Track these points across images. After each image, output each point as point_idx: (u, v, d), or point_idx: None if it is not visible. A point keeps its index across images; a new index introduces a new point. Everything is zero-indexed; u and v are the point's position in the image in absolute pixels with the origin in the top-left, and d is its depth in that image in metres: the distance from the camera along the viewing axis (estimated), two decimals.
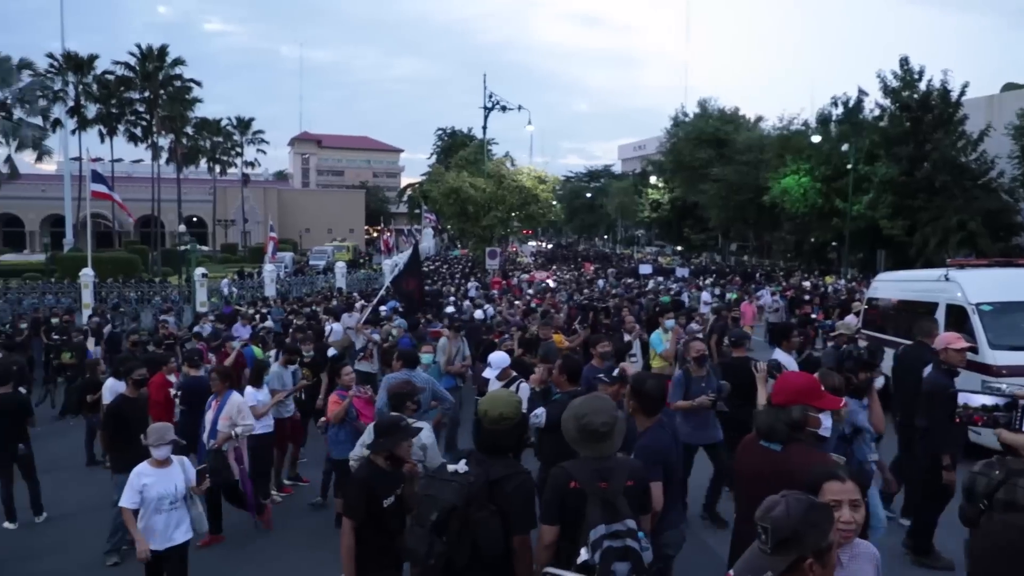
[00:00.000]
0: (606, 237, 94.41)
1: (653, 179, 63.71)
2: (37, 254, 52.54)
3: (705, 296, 22.79)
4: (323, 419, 7.86)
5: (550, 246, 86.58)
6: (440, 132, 77.66)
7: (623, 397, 4.80)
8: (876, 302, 12.73)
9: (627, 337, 11.04)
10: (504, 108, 39.69)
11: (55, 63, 45.83)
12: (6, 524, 7.71)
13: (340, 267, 28.57)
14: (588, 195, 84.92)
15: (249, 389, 8.00)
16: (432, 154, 76.80)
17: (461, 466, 3.35)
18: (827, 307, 19.74)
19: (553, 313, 13.92)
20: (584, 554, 2.98)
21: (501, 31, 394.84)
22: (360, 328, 11.68)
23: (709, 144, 49.83)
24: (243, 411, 7.22)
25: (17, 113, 36.04)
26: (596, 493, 3.13)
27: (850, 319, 12.73)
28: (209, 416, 7.16)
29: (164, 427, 5.52)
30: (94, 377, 10.30)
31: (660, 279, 33.72)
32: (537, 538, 3.35)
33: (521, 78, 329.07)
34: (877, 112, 35.87)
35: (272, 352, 11.88)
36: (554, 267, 47.11)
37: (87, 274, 20.46)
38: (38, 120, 38.03)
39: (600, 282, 31.05)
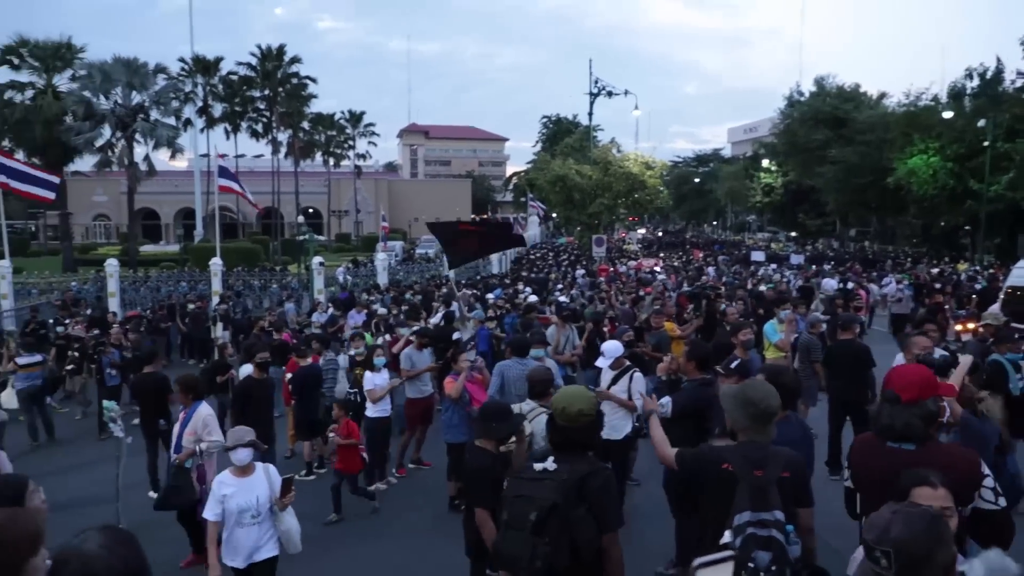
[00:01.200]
0: (715, 223, 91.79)
1: (765, 162, 61.32)
2: (172, 245, 56.61)
3: (830, 283, 21.65)
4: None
5: (659, 233, 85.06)
6: (545, 120, 77.64)
7: None
8: (1019, 290, 11.74)
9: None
10: (610, 94, 39.20)
11: (185, 66, 48.92)
12: (150, 493, 8.32)
13: (447, 257, 29.07)
14: (696, 180, 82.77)
15: (368, 374, 8.28)
16: (537, 142, 76.97)
17: (550, 464, 3.26)
18: (960, 296, 18.38)
19: (666, 300, 13.66)
20: (727, 536, 2.93)
21: (606, 15, 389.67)
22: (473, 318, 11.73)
23: (826, 124, 47.41)
24: (209, 425, 6.50)
25: (153, 115, 38.82)
26: (748, 479, 3.05)
27: (994, 308, 11.79)
28: (175, 430, 6.60)
29: (242, 429, 5.04)
30: (222, 359, 10.96)
31: (773, 267, 32.45)
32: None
33: (627, 63, 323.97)
34: (1019, 83, 32.95)
35: (382, 337, 12.25)
36: (662, 254, 46.24)
37: (216, 263, 21.80)
38: (171, 120, 40.83)
39: (710, 270, 30.20)
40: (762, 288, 19.20)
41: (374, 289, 22.37)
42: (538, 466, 3.27)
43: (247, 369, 8.57)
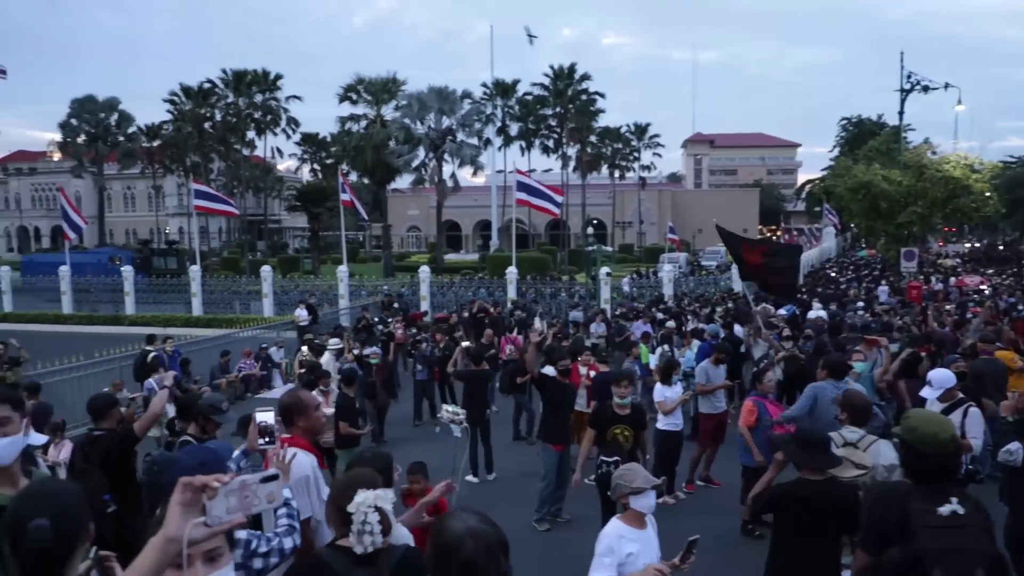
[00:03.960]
0: None
1: None
2: (471, 254, 61.94)
3: None
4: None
5: (1000, 245, 73.47)
6: (844, 122, 71.43)
7: None
8: None
9: None
10: (926, 88, 35.01)
11: (487, 90, 53.41)
12: (469, 477, 9.17)
13: (736, 268, 27.80)
14: None
15: (659, 386, 8.35)
16: (834, 146, 71.19)
17: (957, 507, 2.79)
18: None
19: (1000, 326, 11.85)
20: None
21: (913, 1, 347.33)
22: (766, 336, 11.15)
23: None
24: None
25: (460, 136, 42.98)
26: None
27: None
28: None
29: (640, 468, 4.03)
30: (522, 362, 11.75)
31: None
32: None
33: (943, 51, 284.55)
34: None
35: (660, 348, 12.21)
36: (990, 270, 40.01)
37: (512, 272, 23.46)
38: (474, 140, 44.90)
39: None
40: None
41: (658, 301, 22.41)
42: (945, 510, 2.82)
43: (548, 373, 9.07)
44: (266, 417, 3.39)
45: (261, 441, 3.29)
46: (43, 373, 12.40)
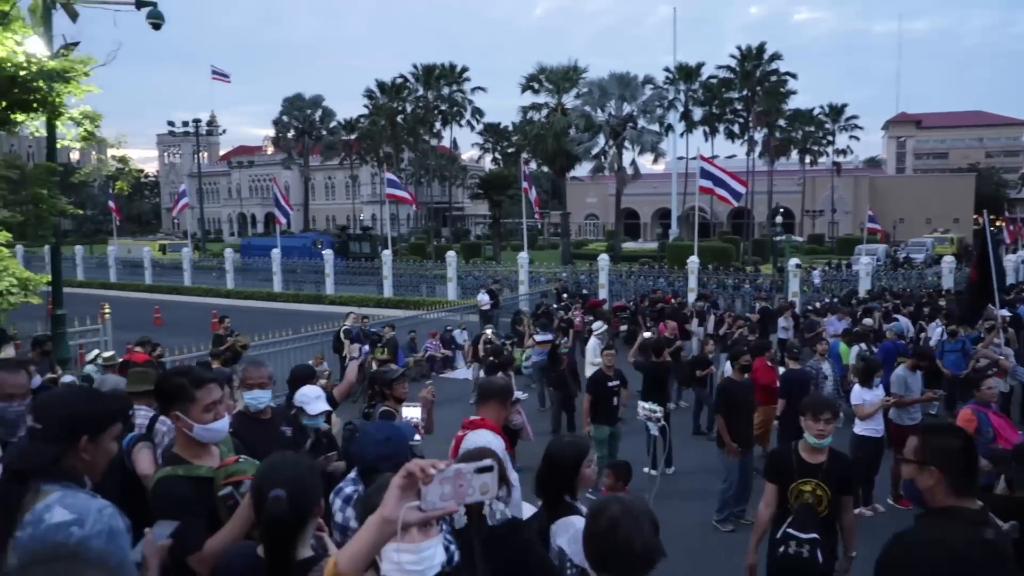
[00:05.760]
0: None
1: None
2: (649, 242, 60.92)
3: None
4: None
5: None
6: None
7: None
8: None
9: None
10: None
11: (669, 75, 52.03)
12: (646, 470, 9.03)
13: (948, 262, 24.64)
14: None
15: (857, 388, 7.74)
16: None
17: None
18: None
19: None
20: None
21: None
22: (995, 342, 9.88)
23: None
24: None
25: (640, 123, 42.30)
26: None
27: None
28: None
29: None
30: (703, 355, 11.39)
31: None
32: None
33: None
34: None
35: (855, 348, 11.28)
36: None
37: (693, 261, 22.75)
38: (655, 127, 44.01)
39: None
40: None
41: (851, 296, 20.80)
42: None
43: (729, 368, 8.72)
44: (413, 413, 3.72)
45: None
46: (257, 345, 13.74)
